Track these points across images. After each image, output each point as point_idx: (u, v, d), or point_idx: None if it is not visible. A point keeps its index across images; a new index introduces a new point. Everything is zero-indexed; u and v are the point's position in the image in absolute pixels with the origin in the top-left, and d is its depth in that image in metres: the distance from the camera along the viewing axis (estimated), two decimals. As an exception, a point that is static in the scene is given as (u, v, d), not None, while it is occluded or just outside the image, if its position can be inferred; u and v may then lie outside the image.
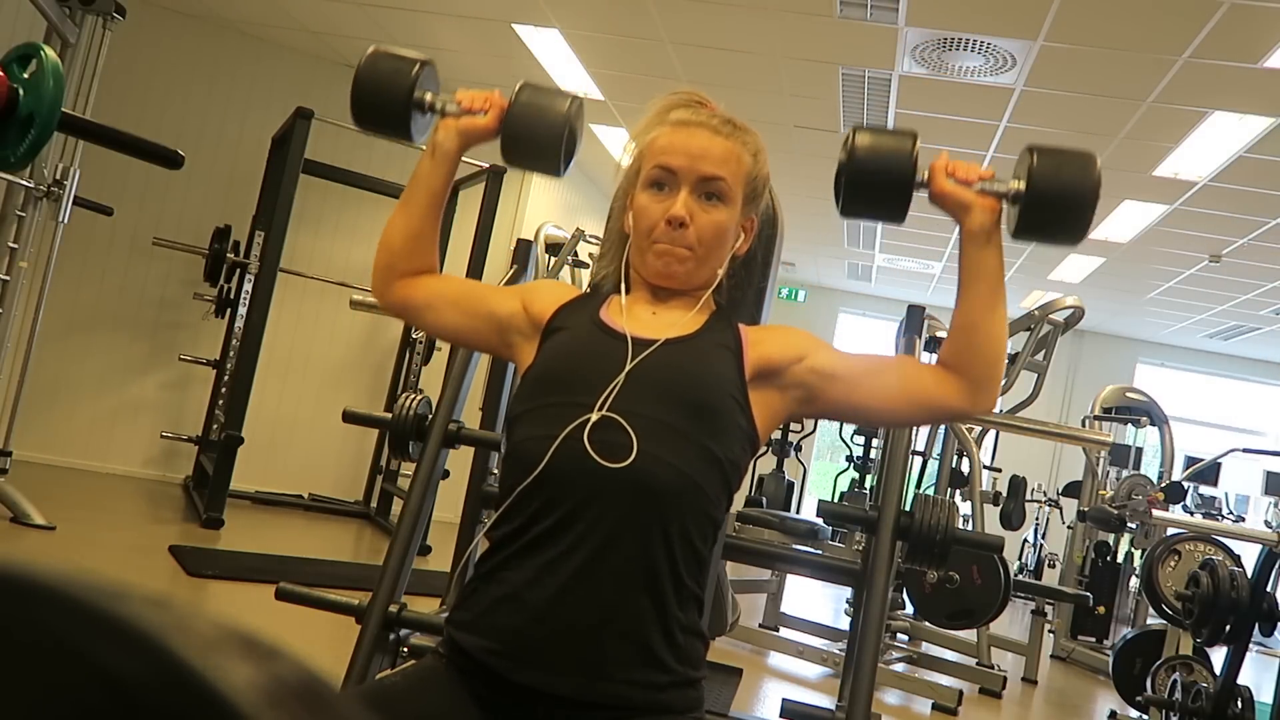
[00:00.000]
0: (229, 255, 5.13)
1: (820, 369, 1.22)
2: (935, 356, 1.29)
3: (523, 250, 2.22)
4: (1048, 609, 5.01)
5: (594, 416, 1.11)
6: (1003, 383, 4.68)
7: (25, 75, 2.87)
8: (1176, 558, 3.82)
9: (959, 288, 1.21)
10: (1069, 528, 6.22)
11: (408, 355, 5.74)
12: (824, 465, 10.61)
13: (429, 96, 1.31)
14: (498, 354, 1.35)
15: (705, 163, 1.22)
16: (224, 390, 5.06)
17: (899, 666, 4.27)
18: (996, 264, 1.19)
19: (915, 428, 1.79)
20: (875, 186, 1.21)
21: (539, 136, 1.28)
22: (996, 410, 5.56)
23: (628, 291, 1.28)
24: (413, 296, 1.32)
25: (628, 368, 1.15)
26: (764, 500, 6.81)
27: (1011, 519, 6.78)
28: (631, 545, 1.09)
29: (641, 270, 1.27)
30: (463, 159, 1.33)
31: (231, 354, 5.02)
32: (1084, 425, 6.28)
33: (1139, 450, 6.32)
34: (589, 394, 1.13)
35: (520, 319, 1.29)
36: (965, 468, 5.34)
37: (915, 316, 2.12)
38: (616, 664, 1.08)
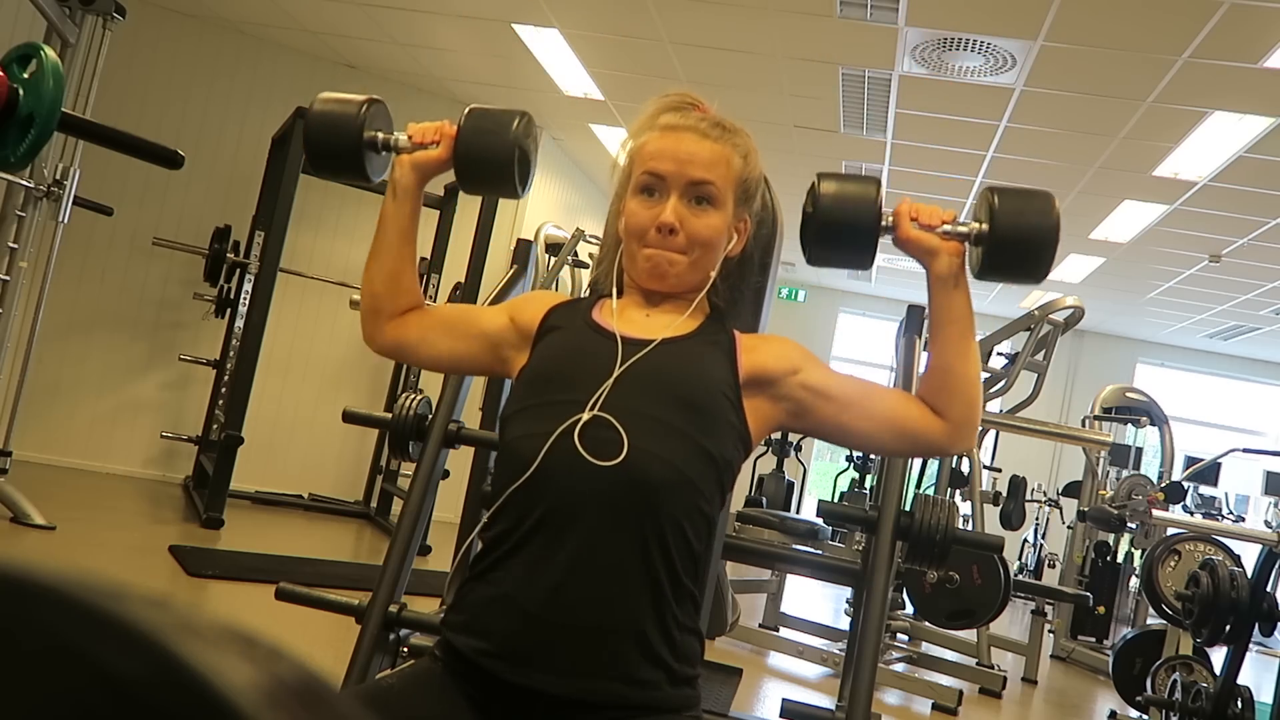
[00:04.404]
0: (229, 255, 5.13)
1: (813, 386, 1.22)
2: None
3: (523, 250, 2.22)
4: (1048, 609, 5.01)
5: (585, 416, 1.11)
6: (1003, 383, 4.72)
7: (25, 75, 2.86)
8: (1176, 558, 3.82)
9: (931, 332, 1.24)
10: (1069, 528, 6.22)
11: (408, 355, 5.74)
12: (824, 465, 10.61)
13: (380, 135, 1.31)
14: (495, 373, 1.33)
15: (693, 167, 1.21)
16: (224, 390, 5.06)
17: (899, 666, 4.26)
18: (965, 306, 1.22)
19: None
20: (843, 235, 1.22)
21: (490, 162, 1.27)
22: (996, 410, 5.50)
23: (620, 294, 1.28)
24: (405, 335, 1.31)
25: (622, 366, 1.15)
26: (764, 500, 6.81)
27: (1011, 519, 6.79)
28: (625, 543, 1.08)
29: (633, 274, 1.26)
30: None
31: (231, 354, 5.02)
32: (1084, 425, 6.29)
33: (1139, 450, 6.32)
34: (581, 392, 1.13)
35: (509, 332, 1.29)
36: (965, 468, 5.35)
37: (915, 316, 2.12)
38: (612, 662, 1.08)
